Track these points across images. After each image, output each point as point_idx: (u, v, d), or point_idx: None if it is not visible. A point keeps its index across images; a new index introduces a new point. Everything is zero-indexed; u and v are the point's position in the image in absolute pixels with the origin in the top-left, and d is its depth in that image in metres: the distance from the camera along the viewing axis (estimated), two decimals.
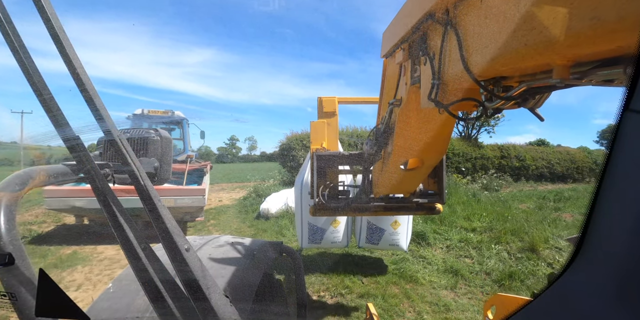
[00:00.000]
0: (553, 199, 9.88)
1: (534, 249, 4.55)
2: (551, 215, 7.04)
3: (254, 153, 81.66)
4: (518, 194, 11.22)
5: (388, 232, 3.92)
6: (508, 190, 12.63)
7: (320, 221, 3.80)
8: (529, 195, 10.66)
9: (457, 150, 14.80)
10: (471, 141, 16.12)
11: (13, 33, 0.67)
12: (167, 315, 0.79)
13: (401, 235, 3.95)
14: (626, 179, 0.41)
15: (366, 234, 4.00)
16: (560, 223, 6.33)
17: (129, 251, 0.77)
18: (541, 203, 9.06)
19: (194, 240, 1.65)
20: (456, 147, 14.91)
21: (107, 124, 0.75)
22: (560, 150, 17.94)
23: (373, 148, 1.75)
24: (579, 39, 0.51)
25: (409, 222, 4.02)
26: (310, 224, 3.79)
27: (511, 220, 6.21)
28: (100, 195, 0.76)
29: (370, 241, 4.01)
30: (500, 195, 10.61)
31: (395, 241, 3.95)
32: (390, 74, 1.62)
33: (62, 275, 4.47)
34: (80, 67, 0.70)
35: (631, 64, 0.50)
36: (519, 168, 15.75)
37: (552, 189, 13.36)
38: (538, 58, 0.60)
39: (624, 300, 0.39)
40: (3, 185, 0.64)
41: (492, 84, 0.81)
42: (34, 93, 0.70)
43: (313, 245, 3.88)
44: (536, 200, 9.53)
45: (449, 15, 0.86)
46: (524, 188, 13.89)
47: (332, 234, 3.85)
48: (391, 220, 3.91)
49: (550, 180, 16.44)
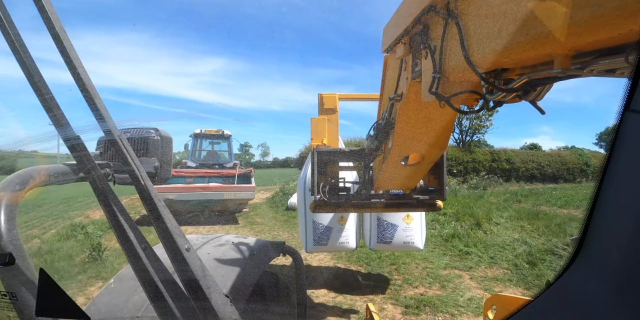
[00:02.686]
0: (525, 194, 12.11)
1: (479, 223, 7.21)
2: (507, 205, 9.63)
3: (267, 159, 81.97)
4: (501, 192, 13.44)
5: (401, 228, 3.56)
6: (496, 189, 14.81)
7: (327, 219, 3.48)
8: (510, 193, 12.85)
9: (450, 155, 16.52)
10: (464, 147, 18.04)
11: (13, 33, 0.67)
12: (168, 315, 0.79)
13: (415, 231, 3.58)
14: (626, 179, 0.41)
15: (377, 232, 3.60)
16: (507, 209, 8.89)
17: (129, 251, 0.77)
18: (510, 197, 11.29)
19: (195, 240, 1.65)
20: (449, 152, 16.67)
21: (108, 124, 0.75)
22: (551, 153, 20.00)
23: (373, 143, 1.74)
24: (580, 28, 0.50)
25: (422, 217, 3.67)
26: (315, 223, 3.47)
27: (474, 208, 8.45)
28: (100, 195, 0.76)
29: (382, 240, 3.58)
30: (485, 193, 12.99)
31: (409, 238, 3.56)
32: (391, 69, 1.62)
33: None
34: (81, 67, 0.70)
35: (633, 52, 0.50)
36: (509, 170, 17.84)
37: (537, 188, 15.27)
38: (539, 48, 0.59)
39: (624, 300, 0.39)
40: (4, 185, 0.64)
41: (493, 77, 0.81)
42: (34, 93, 0.70)
43: (319, 248, 3.51)
44: (509, 195, 11.77)
45: (450, 6, 0.86)
46: (511, 187, 15.79)
47: (339, 234, 3.52)
48: (403, 215, 3.56)
49: (541, 181, 18.31)
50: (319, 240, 3.50)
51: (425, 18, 1.03)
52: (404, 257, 5.18)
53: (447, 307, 3.61)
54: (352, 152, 2.22)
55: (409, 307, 3.66)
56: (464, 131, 18.55)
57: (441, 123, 1.33)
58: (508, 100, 0.85)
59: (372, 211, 2.41)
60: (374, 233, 3.62)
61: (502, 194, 12.21)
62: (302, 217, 3.57)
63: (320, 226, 3.50)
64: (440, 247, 5.97)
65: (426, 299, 3.78)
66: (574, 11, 0.50)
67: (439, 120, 1.32)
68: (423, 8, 0.98)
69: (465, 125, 18.60)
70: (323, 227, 3.50)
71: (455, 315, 3.48)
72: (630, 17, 0.44)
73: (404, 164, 1.63)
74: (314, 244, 3.50)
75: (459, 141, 18.85)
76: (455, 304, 3.68)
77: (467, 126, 18.57)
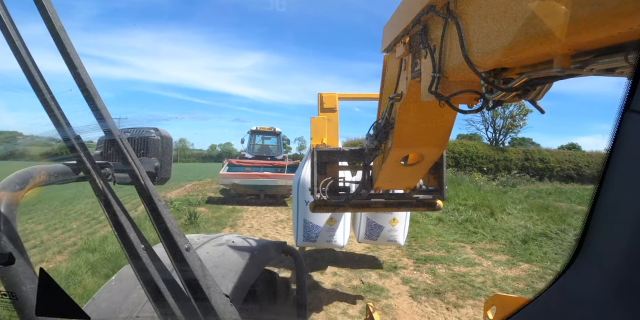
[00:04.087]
0: (550, 192, 13.04)
1: (493, 213, 8.37)
2: (526, 200, 10.60)
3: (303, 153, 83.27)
4: (528, 189, 14.28)
5: (386, 229, 4.06)
6: (525, 187, 15.57)
7: (316, 218, 3.76)
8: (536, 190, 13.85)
9: (481, 153, 17.67)
10: (496, 145, 18.72)
11: (14, 33, 0.67)
12: (167, 315, 0.79)
13: (399, 232, 4.09)
14: (626, 179, 0.41)
15: (365, 230, 4.12)
16: (523, 202, 9.95)
17: (129, 251, 0.77)
18: (533, 194, 12.31)
19: (195, 239, 1.65)
20: (480, 150, 17.78)
21: (108, 124, 0.75)
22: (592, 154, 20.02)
23: (373, 143, 1.74)
24: (580, 27, 0.50)
25: (406, 220, 4.14)
26: (305, 221, 3.75)
27: (492, 201, 9.69)
28: (100, 195, 0.76)
29: (369, 237, 4.13)
30: (512, 190, 13.93)
31: (393, 237, 4.09)
32: (390, 69, 1.62)
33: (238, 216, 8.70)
34: (81, 67, 0.70)
35: (632, 51, 0.50)
36: (543, 169, 18.19)
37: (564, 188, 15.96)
38: (539, 47, 0.59)
39: (624, 300, 0.39)
40: (3, 185, 0.64)
41: (492, 76, 0.81)
42: (34, 93, 0.70)
43: (308, 243, 3.83)
44: (534, 192, 12.78)
45: (450, 6, 0.86)
46: (542, 186, 16.50)
47: (327, 233, 3.81)
48: (389, 218, 4.04)
49: (579, 181, 18.51)
50: (308, 237, 3.80)
51: (425, 18, 1.03)
52: (422, 233, 6.76)
53: (446, 262, 5.11)
54: (352, 152, 2.22)
55: (418, 259, 5.17)
56: (497, 130, 18.92)
57: (441, 123, 1.33)
58: (508, 99, 0.85)
59: (372, 211, 2.42)
60: (363, 230, 4.15)
61: (528, 191, 13.10)
62: (294, 213, 3.84)
63: (310, 224, 3.77)
64: (453, 228, 7.37)
65: (432, 257, 5.30)
66: (573, 10, 0.50)
67: (439, 120, 1.32)
68: (422, 8, 0.98)
69: (498, 124, 18.90)
70: (312, 225, 3.77)
71: (450, 265, 4.97)
72: (630, 16, 0.44)
73: (404, 164, 1.63)
74: (304, 239, 3.81)
75: (492, 140, 19.15)
76: (452, 261, 5.18)
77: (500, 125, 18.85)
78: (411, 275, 4.56)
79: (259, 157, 12.48)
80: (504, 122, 18.94)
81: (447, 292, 4.02)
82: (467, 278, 4.48)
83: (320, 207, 2.25)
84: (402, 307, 3.64)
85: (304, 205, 3.67)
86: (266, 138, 13.94)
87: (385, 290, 4.05)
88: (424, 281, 4.38)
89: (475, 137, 23.40)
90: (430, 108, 1.25)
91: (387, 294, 3.96)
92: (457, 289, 4.14)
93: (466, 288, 4.16)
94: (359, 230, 4.20)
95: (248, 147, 13.28)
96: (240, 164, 11.06)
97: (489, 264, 5.13)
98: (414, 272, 4.69)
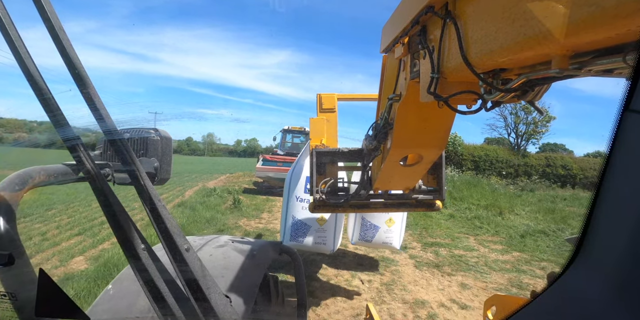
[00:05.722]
0: (565, 198, 13.66)
1: (502, 212, 9.17)
2: (537, 203, 11.44)
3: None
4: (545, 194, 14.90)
5: (382, 230, 3.85)
6: (544, 193, 16.15)
7: (305, 216, 3.47)
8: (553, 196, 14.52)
9: (501, 158, 18.08)
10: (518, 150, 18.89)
11: (13, 33, 0.67)
12: (167, 315, 0.79)
13: (395, 234, 3.90)
14: (626, 179, 0.41)
15: (360, 230, 3.91)
16: (532, 205, 10.84)
17: (129, 251, 0.77)
18: (547, 198, 12.95)
19: (194, 241, 1.64)
20: (500, 155, 18.18)
21: (107, 124, 0.75)
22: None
23: (372, 143, 1.75)
24: (578, 28, 0.50)
25: (403, 220, 3.96)
26: (294, 218, 3.47)
27: (503, 202, 10.44)
28: (100, 195, 0.76)
29: (364, 238, 3.91)
30: (530, 194, 14.58)
31: (389, 239, 3.89)
32: (389, 69, 1.62)
33: (272, 204, 9.67)
34: (81, 67, 0.70)
35: (631, 52, 0.51)
36: (565, 176, 18.38)
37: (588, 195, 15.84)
38: (537, 48, 0.59)
39: (624, 300, 0.39)
40: (3, 185, 0.64)
41: (491, 77, 0.81)
42: (34, 93, 0.70)
43: (295, 244, 3.47)
44: (548, 197, 13.51)
45: (449, 6, 0.87)
46: (562, 193, 16.81)
47: (316, 233, 3.51)
48: (386, 218, 3.85)
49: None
50: (295, 237, 3.50)
51: (424, 18, 1.03)
52: (433, 225, 7.60)
53: (449, 247, 6.08)
54: (351, 153, 2.22)
55: (426, 244, 6.17)
56: (520, 136, 19.07)
57: (440, 123, 1.33)
58: (506, 100, 0.86)
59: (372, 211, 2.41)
60: (357, 231, 3.98)
61: (543, 196, 13.82)
62: (284, 210, 3.62)
63: (299, 222, 3.48)
64: (462, 223, 8.33)
65: (437, 242, 6.32)
66: (572, 11, 0.50)
67: (438, 121, 1.32)
68: (421, 8, 0.98)
69: (521, 130, 19.04)
70: (300, 223, 3.49)
71: (452, 249, 5.96)
72: (628, 17, 0.44)
73: (403, 164, 1.63)
74: (291, 239, 3.50)
75: (515, 145, 19.31)
76: (455, 246, 6.19)
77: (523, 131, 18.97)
78: (417, 254, 5.67)
79: (289, 153, 13.19)
80: (526, 128, 19.05)
81: (445, 266, 5.07)
82: (464, 258, 5.51)
83: (320, 207, 2.25)
84: (407, 272, 4.75)
85: (294, 203, 3.47)
86: (296, 136, 14.97)
87: (395, 262, 5.14)
88: (427, 258, 5.46)
89: (502, 141, 23.25)
90: (429, 108, 1.25)
91: (396, 264, 5.05)
92: (453, 264, 5.18)
93: (460, 264, 5.19)
94: (353, 231, 4.00)
95: (280, 144, 14.44)
96: (273, 159, 11.92)
97: (485, 250, 6.12)
98: (420, 252, 5.79)
